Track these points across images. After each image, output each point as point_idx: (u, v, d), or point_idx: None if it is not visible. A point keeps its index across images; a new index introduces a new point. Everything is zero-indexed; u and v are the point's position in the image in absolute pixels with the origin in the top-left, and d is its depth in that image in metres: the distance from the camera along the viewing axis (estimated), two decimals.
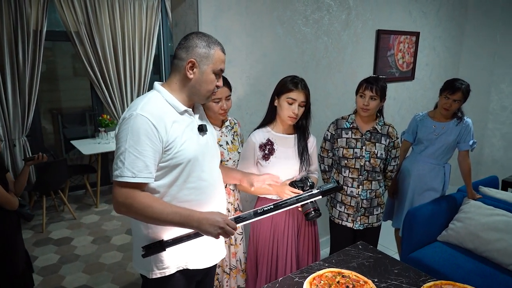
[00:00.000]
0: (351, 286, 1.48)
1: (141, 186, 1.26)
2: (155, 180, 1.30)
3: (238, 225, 1.37)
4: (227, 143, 2.03)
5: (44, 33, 4.07)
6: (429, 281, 1.57)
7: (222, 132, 2.03)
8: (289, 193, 1.76)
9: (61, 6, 4.21)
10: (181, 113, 1.35)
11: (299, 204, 1.59)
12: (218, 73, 1.38)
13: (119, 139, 1.26)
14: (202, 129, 1.42)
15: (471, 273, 2.15)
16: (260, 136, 1.91)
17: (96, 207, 4.41)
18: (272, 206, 1.45)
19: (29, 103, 4.07)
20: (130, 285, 2.90)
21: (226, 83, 1.94)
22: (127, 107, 4.90)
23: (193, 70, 1.33)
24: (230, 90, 1.97)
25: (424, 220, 2.45)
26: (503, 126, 4.25)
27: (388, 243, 3.17)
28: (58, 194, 4.21)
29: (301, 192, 1.72)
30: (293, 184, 1.80)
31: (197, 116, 1.44)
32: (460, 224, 2.43)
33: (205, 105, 1.92)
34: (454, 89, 2.38)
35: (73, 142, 4.58)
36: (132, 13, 4.75)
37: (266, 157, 1.88)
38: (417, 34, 3.56)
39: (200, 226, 1.29)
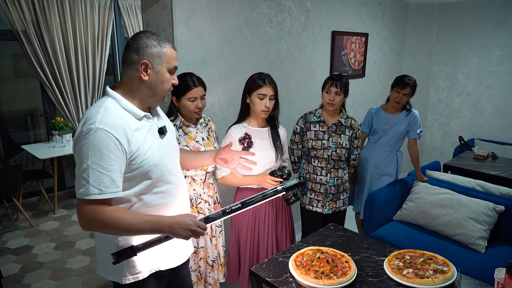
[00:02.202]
0: (330, 259, 1.66)
1: (108, 201, 1.23)
2: (123, 190, 1.27)
3: (207, 225, 1.39)
4: (203, 139, 2.10)
5: None
6: (394, 251, 1.81)
7: (197, 129, 2.09)
8: (270, 182, 1.91)
9: (5, 4, 3.98)
10: (140, 119, 1.31)
11: (265, 201, 1.65)
12: (173, 71, 1.35)
13: (79, 155, 1.19)
14: (162, 132, 1.40)
15: (423, 245, 2.45)
16: (238, 131, 2.03)
17: (54, 213, 4.23)
18: (240, 205, 1.50)
19: None
20: (102, 287, 2.88)
21: (201, 83, 2.01)
22: (81, 109, 4.77)
23: (147, 71, 1.28)
24: (205, 90, 2.04)
25: (382, 202, 2.74)
26: (440, 117, 4.77)
27: (349, 226, 3.44)
28: (11, 202, 3.98)
29: (281, 180, 1.88)
30: (273, 173, 1.94)
31: (155, 118, 1.41)
32: (412, 204, 2.75)
33: (180, 103, 1.98)
34: (404, 84, 2.68)
35: (25, 147, 4.34)
36: (83, 12, 4.60)
37: (245, 149, 2.01)
38: (366, 35, 3.89)
39: (172, 231, 1.30)
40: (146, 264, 1.40)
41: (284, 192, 1.66)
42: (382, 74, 4.34)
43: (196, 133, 2.08)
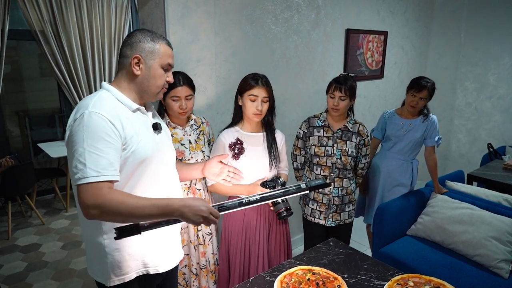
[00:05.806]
0: (321, 282, 1.49)
1: (108, 185, 1.18)
2: None
3: (220, 213, 1.31)
4: (189, 142, 1.98)
5: (7, 32, 3.91)
6: (397, 275, 1.61)
7: (185, 132, 1.98)
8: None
9: (24, 4, 4.04)
10: (134, 111, 1.31)
11: (287, 197, 1.50)
12: (167, 68, 1.35)
13: (73, 141, 1.17)
14: (156, 128, 1.39)
15: (438, 265, 2.22)
16: (229, 135, 1.89)
17: (66, 212, 4.27)
18: (259, 197, 1.37)
19: None
20: None
21: (188, 83, 1.89)
22: None
23: (139, 66, 1.29)
24: (193, 90, 1.92)
25: (394, 215, 2.51)
26: (468, 122, 4.41)
27: (360, 239, 3.23)
28: (24, 199, 4.05)
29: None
30: (264, 184, 1.79)
31: (150, 114, 1.41)
32: (428, 218, 2.50)
33: (165, 102, 1.90)
34: (420, 87, 2.45)
35: (41, 145, 4.41)
36: (100, 12, 4.62)
37: (236, 156, 1.87)
38: (385, 34, 3.64)
39: (182, 215, 1.21)
40: (133, 266, 1.35)
41: (308, 191, 1.49)
42: (404, 75, 4.06)
43: (183, 135, 1.98)
